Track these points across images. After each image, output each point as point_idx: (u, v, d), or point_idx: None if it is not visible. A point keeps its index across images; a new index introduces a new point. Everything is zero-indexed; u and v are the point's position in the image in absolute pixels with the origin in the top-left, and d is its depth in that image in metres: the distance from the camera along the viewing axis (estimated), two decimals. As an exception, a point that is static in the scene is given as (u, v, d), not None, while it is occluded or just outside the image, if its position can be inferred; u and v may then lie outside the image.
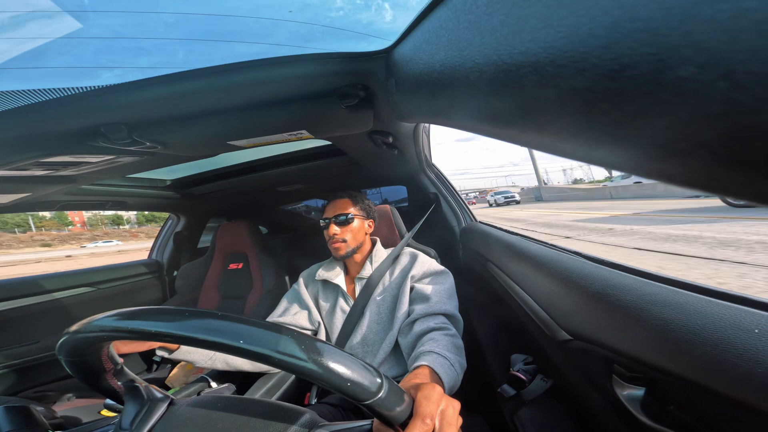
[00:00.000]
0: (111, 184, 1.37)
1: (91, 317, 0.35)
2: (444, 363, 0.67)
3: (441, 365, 0.65)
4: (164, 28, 0.51)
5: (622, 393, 0.50)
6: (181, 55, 0.55)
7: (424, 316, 0.83)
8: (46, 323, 1.46)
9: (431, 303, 0.85)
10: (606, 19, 0.16)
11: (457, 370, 0.69)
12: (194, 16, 0.52)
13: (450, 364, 0.68)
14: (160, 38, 0.52)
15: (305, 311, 1.02)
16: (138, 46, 0.54)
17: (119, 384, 0.43)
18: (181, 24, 0.52)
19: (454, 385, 0.67)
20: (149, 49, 0.55)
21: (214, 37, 0.55)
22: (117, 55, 0.55)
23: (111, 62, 0.55)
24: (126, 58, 0.55)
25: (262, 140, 0.93)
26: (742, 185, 0.14)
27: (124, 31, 0.51)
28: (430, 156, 1.64)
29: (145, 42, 0.53)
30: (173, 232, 2.07)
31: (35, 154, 0.76)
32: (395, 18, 0.50)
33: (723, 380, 0.33)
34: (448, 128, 0.75)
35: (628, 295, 0.47)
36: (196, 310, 0.34)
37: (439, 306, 0.85)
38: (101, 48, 0.53)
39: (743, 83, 0.12)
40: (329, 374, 0.31)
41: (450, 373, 0.66)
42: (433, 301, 0.86)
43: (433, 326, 0.79)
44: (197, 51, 0.55)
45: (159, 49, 0.55)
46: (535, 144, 0.27)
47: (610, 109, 0.17)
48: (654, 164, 0.17)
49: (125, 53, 0.55)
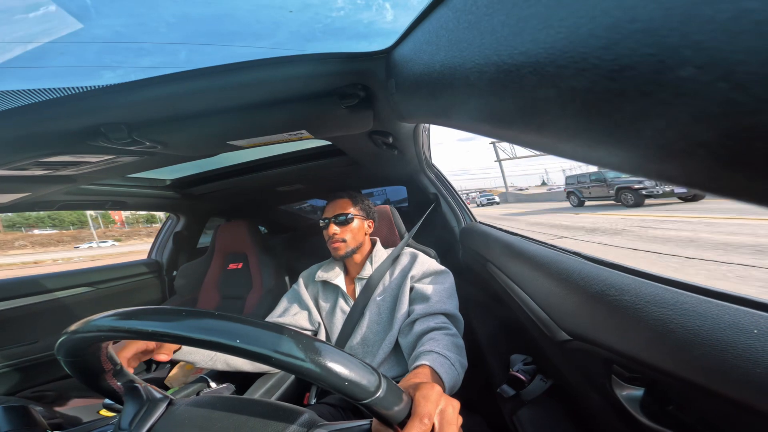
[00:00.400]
0: (111, 184, 1.36)
1: (89, 317, 0.35)
2: (444, 362, 0.67)
3: (441, 365, 0.65)
4: (165, 28, 0.51)
5: (622, 393, 0.50)
6: (182, 55, 0.55)
7: (424, 316, 0.83)
8: (46, 323, 1.46)
9: (431, 303, 0.85)
10: (606, 20, 0.16)
11: (458, 369, 0.69)
12: (194, 16, 0.52)
13: (450, 363, 0.68)
14: (160, 38, 0.52)
15: (305, 312, 1.02)
16: (138, 46, 0.54)
17: (118, 384, 0.43)
18: (181, 24, 0.52)
19: (454, 384, 0.67)
20: (149, 49, 0.55)
21: (214, 37, 0.55)
22: (117, 55, 0.55)
23: (111, 62, 0.55)
24: (126, 58, 0.55)
25: (262, 140, 0.93)
26: (742, 185, 0.14)
27: (124, 31, 0.51)
28: (430, 156, 1.64)
29: (145, 42, 0.53)
30: (173, 231, 2.07)
31: (35, 153, 0.76)
32: (395, 18, 0.50)
33: (722, 381, 0.33)
34: (449, 128, 0.75)
35: (628, 296, 0.47)
36: (193, 309, 0.34)
37: (439, 306, 0.84)
38: (101, 48, 0.53)
39: (743, 84, 0.12)
40: (327, 373, 0.31)
41: (450, 373, 0.66)
42: (433, 301, 0.85)
43: (433, 326, 0.79)
44: (197, 51, 0.56)
45: (159, 49, 0.55)
46: (535, 144, 0.27)
47: (610, 110, 0.17)
48: (654, 165, 0.17)
49: (125, 53, 0.55)
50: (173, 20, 0.51)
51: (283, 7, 0.51)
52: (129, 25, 0.49)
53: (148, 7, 0.49)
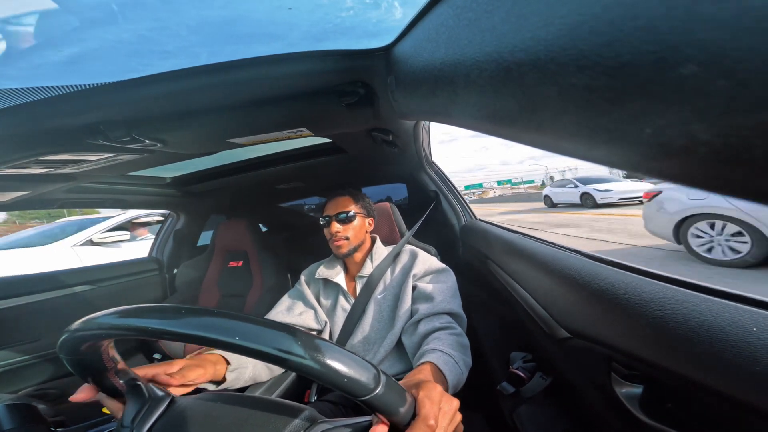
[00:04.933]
0: (111, 182, 1.36)
1: (90, 315, 0.35)
2: (448, 360, 0.67)
3: (445, 363, 0.65)
4: (186, 31, 0.53)
5: (621, 390, 0.51)
6: (202, 57, 0.57)
7: (428, 316, 0.83)
8: (48, 321, 1.46)
9: (435, 302, 0.85)
10: (607, 17, 0.16)
11: (462, 368, 0.69)
12: (192, 14, 0.52)
13: (454, 361, 0.68)
14: (182, 41, 0.54)
15: (311, 311, 1.01)
16: (162, 48, 0.55)
17: (121, 382, 0.43)
18: (201, 27, 0.53)
19: (458, 382, 0.67)
20: (173, 52, 0.56)
21: (212, 35, 0.56)
22: (143, 58, 0.56)
23: (138, 65, 0.56)
24: (152, 61, 0.56)
25: (262, 138, 0.93)
26: (743, 184, 0.14)
27: (122, 29, 0.51)
28: (430, 153, 1.63)
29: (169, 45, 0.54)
30: (173, 229, 2.08)
31: (35, 151, 0.76)
32: (395, 15, 0.50)
33: (721, 378, 0.34)
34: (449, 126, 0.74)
35: (627, 293, 0.47)
36: (193, 307, 0.35)
37: (443, 305, 0.85)
38: (130, 51, 0.55)
39: (744, 81, 0.12)
40: (325, 370, 0.31)
41: (454, 371, 0.66)
42: (437, 300, 0.86)
43: (438, 326, 0.80)
44: (196, 49, 0.56)
45: (182, 51, 0.56)
46: (535, 142, 0.27)
47: (611, 108, 0.17)
48: (655, 162, 0.17)
49: (150, 56, 0.56)
50: (172, 19, 0.52)
51: (282, 5, 0.51)
52: (154, 29, 0.51)
53: (170, 11, 0.50)
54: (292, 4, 0.50)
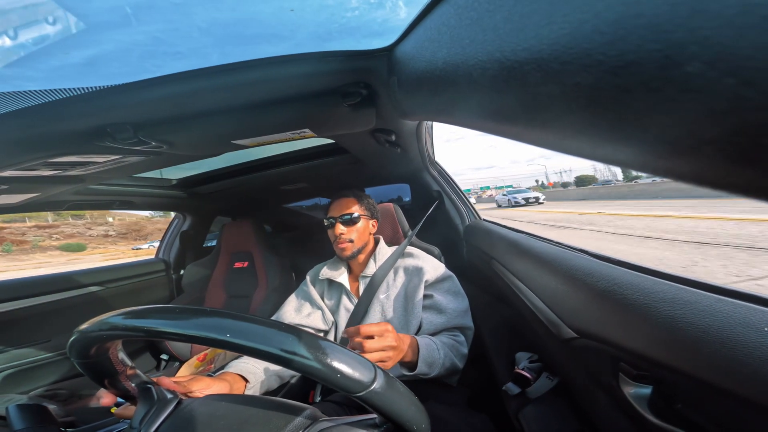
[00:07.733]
0: (118, 184, 1.38)
1: (99, 316, 0.36)
2: (430, 343, 0.74)
3: (426, 344, 0.73)
4: (197, 32, 0.54)
5: (629, 391, 0.50)
6: (213, 58, 0.58)
7: (442, 331, 0.88)
8: (58, 322, 1.49)
9: (449, 317, 0.90)
10: (610, 15, 0.16)
11: (441, 355, 0.76)
12: (203, 15, 0.53)
13: (436, 347, 0.75)
14: (194, 43, 0.55)
15: (318, 311, 1.02)
16: (175, 50, 0.57)
17: (132, 385, 0.44)
18: (211, 28, 0.55)
19: (432, 362, 0.74)
20: (184, 53, 0.58)
21: (216, 37, 0.56)
22: (157, 60, 0.57)
23: (152, 67, 0.58)
24: (164, 62, 0.58)
25: (266, 139, 0.93)
26: (751, 182, 0.14)
27: (129, 32, 0.52)
28: (433, 153, 1.63)
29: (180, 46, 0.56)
30: (179, 231, 2.10)
31: (43, 154, 0.77)
32: (397, 16, 0.50)
33: (731, 378, 0.33)
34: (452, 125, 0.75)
35: (635, 293, 0.47)
36: (196, 308, 0.35)
37: (457, 320, 0.90)
38: (144, 53, 0.56)
39: (751, 79, 0.11)
40: (320, 365, 0.31)
41: (430, 350, 0.74)
42: (451, 316, 0.90)
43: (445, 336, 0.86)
44: (207, 50, 0.57)
45: (193, 53, 0.58)
46: (539, 141, 0.27)
47: (616, 107, 0.17)
48: (661, 162, 0.17)
49: (163, 57, 0.58)
50: (177, 21, 0.53)
51: (284, 6, 0.51)
52: (166, 30, 0.52)
53: (182, 13, 0.52)
54: (299, 5, 0.51)
